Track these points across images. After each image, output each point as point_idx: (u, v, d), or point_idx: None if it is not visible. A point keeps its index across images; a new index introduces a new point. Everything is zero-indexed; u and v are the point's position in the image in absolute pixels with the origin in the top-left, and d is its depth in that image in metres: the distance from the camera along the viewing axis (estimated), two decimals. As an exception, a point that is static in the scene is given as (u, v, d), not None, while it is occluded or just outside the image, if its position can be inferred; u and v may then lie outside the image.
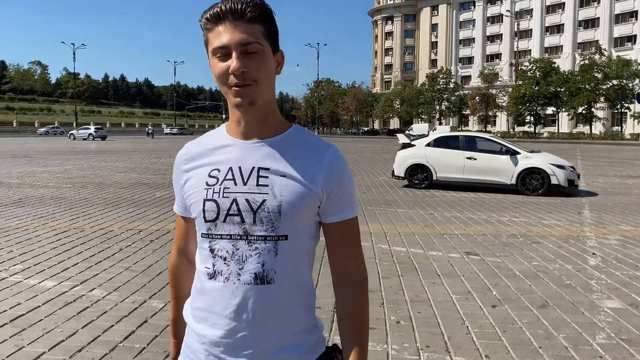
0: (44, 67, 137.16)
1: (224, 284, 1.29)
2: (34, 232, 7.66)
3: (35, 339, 3.86)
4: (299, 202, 1.28)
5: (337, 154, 1.35)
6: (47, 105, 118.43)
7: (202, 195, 1.31)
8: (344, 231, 1.37)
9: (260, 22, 1.25)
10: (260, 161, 1.30)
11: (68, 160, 23.74)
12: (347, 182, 1.35)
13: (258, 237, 1.27)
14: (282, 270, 1.29)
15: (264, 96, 1.27)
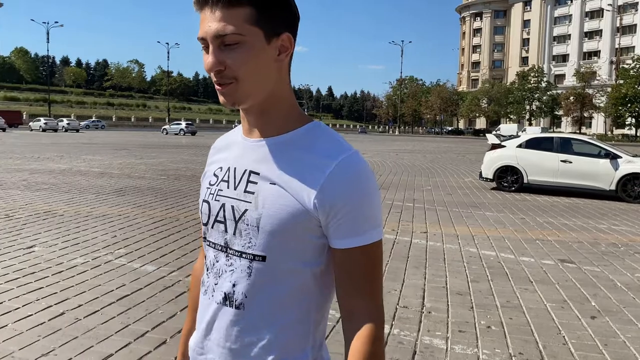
0: (141, 66, 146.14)
1: (204, 296, 1.16)
2: (134, 219, 8.20)
3: (139, 318, 4.14)
4: (283, 217, 1.04)
5: (350, 161, 1.04)
6: (143, 102, 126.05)
7: (203, 194, 1.19)
8: (351, 261, 1.06)
9: (244, 4, 1.00)
10: (253, 163, 1.10)
11: (162, 153, 25.14)
12: (359, 198, 1.03)
13: (235, 251, 1.09)
14: (255, 297, 1.08)
15: (253, 94, 1.05)
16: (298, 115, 1.12)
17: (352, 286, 1.07)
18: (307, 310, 1.10)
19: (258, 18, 1.01)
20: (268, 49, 1.03)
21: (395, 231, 7.84)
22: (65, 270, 5.32)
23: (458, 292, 5.05)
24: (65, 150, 25.13)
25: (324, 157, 1.04)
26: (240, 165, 1.12)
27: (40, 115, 66.34)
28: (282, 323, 1.08)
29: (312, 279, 1.09)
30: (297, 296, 1.09)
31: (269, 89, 1.07)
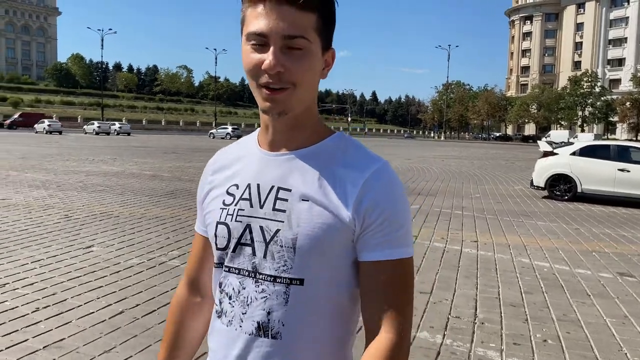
0: (190, 71, 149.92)
1: (227, 327, 1.04)
2: (186, 221, 8.41)
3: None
4: (322, 235, 0.97)
5: (383, 172, 1.00)
6: (191, 106, 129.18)
7: (217, 216, 1.06)
8: (380, 275, 0.98)
9: (314, 10, 0.95)
10: (282, 179, 1.02)
11: (210, 157, 25.61)
12: (393, 210, 0.99)
13: (267, 276, 1.00)
14: (293, 324, 0.99)
15: (301, 104, 1.00)
16: (323, 127, 1.08)
17: (379, 302, 0.99)
18: (345, 332, 1.06)
19: (322, 28, 0.97)
20: (321, 60, 1.00)
21: (444, 239, 7.73)
22: (123, 270, 5.51)
23: (511, 303, 4.93)
24: (118, 153, 26.04)
25: (355, 169, 1.00)
26: (265, 181, 1.03)
27: (93, 119, 69.02)
28: (321, 349, 1.02)
29: (349, 300, 1.03)
30: (336, 319, 1.03)
31: (310, 101, 1.03)
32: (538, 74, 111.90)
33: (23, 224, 7.67)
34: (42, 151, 24.90)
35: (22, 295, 4.62)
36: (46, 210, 8.89)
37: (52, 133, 50.76)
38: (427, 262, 6.38)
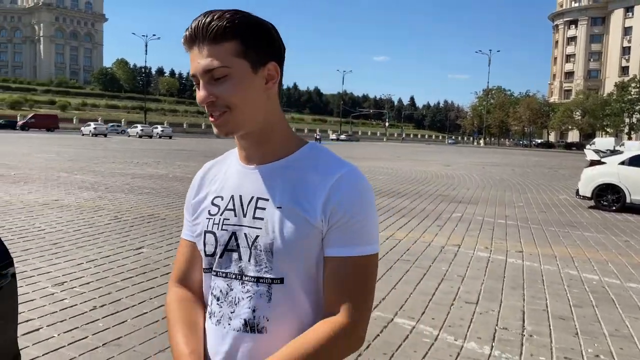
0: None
1: (216, 326, 1.15)
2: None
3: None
4: (294, 238, 1.08)
5: (350, 175, 1.10)
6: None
7: (204, 225, 1.18)
8: (343, 270, 1.08)
9: (230, 39, 1.05)
10: (260, 190, 1.13)
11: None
12: (357, 210, 1.08)
13: (251, 277, 1.10)
14: (277, 319, 1.10)
15: (246, 122, 1.09)
16: (293, 139, 1.17)
17: (338, 294, 1.08)
18: None
19: (244, 50, 1.07)
20: (255, 78, 1.08)
21: (488, 249, 7.64)
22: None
23: (560, 316, 4.84)
24: (161, 156, 26.70)
25: (325, 174, 1.10)
26: (245, 192, 1.14)
27: (136, 122, 70.96)
28: None
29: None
30: (316, 312, 1.12)
31: (262, 118, 1.11)
32: (582, 79, 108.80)
33: (76, 224, 7.99)
34: (89, 153, 25.79)
35: (79, 293, 4.83)
36: (97, 212, 9.23)
37: (97, 136, 52.47)
38: (471, 271, 6.32)
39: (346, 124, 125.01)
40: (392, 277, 5.94)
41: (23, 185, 12.36)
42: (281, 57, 1.12)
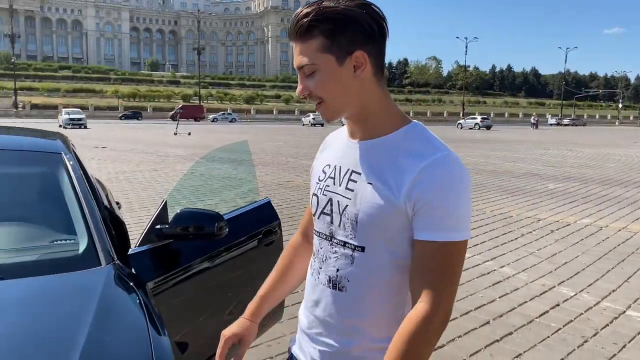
0: (438, 62, 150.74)
1: (311, 277, 1.31)
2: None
3: (462, 297, 4.56)
4: (377, 215, 1.14)
5: (442, 161, 1.11)
6: (438, 97, 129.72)
7: (313, 189, 1.32)
8: (426, 253, 1.11)
9: (315, 36, 1.13)
10: (354, 163, 1.21)
11: (459, 148, 25.62)
12: (445, 196, 1.09)
13: (339, 241, 1.22)
14: (356, 281, 1.20)
15: (342, 109, 1.19)
16: (393, 118, 1.20)
17: (422, 277, 1.12)
18: (398, 302, 1.19)
19: (329, 45, 1.12)
20: (342, 69, 1.14)
21: None
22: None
23: None
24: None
25: (416, 158, 1.12)
26: (344, 164, 1.23)
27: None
28: (377, 307, 1.20)
29: (404, 270, 1.17)
30: (392, 287, 1.18)
31: (357, 102, 1.17)
32: None
33: (307, 202, 9.04)
34: (309, 141, 28.33)
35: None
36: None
37: (315, 125, 56.87)
38: None
39: (568, 107, 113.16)
40: (624, 269, 5.50)
41: (261, 169, 14.29)
42: (373, 40, 1.15)
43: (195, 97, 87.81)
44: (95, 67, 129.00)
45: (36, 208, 2.33)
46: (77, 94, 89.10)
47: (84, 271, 1.86)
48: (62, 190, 2.27)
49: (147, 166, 14.65)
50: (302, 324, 1.34)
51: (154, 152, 19.51)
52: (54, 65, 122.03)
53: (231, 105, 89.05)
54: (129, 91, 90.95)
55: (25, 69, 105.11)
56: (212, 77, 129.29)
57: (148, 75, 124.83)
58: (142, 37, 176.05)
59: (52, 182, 2.33)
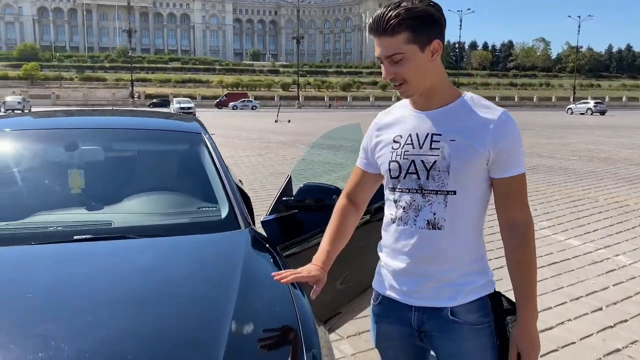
0: (547, 43, 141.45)
1: (404, 227, 1.55)
2: (551, 196, 8.45)
3: (572, 283, 4.47)
4: (465, 162, 1.46)
5: (507, 116, 1.48)
6: (546, 80, 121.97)
7: (388, 157, 1.57)
8: (511, 185, 1.49)
9: (402, 31, 1.41)
10: (432, 128, 1.51)
11: (568, 134, 24.19)
12: (515, 143, 1.47)
13: (430, 191, 1.50)
14: (450, 219, 1.50)
15: (419, 87, 1.49)
16: (454, 90, 1.54)
17: (511, 202, 1.50)
18: (480, 230, 1.56)
19: (413, 37, 1.41)
20: (423, 56, 1.44)
21: None
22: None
23: None
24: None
25: (487, 114, 1.47)
26: (421, 131, 1.52)
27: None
28: (467, 236, 1.52)
29: (482, 204, 1.53)
30: (477, 218, 1.53)
31: (429, 81, 1.48)
32: None
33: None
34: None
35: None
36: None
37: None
38: None
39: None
40: None
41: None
42: (442, 30, 1.47)
43: (293, 85, 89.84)
44: (202, 59, 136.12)
45: (183, 179, 2.69)
46: (185, 84, 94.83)
47: (228, 232, 2.16)
48: (204, 165, 2.60)
49: (252, 152, 15.43)
50: (396, 267, 1.59)
51: (257, 138, 20.43)
52: (165, 57, 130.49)
53: (327, 93, 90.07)
54: (233, 81, 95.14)
55: (140, 62, 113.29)
56: (310, 65, 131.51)
57: (250, 65, 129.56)
58: (244, 28, 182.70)
59: (195, 158, 2.67)
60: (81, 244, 1.96)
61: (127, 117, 3.53)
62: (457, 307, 1.54)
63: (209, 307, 1.59)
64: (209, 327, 1.48)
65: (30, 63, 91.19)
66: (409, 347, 1.66)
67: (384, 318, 1.67)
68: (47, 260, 1.88)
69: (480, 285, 1.54)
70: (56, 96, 71.33)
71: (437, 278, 1.53)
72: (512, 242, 1.51)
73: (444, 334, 1.56)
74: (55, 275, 1.79)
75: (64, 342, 1.36)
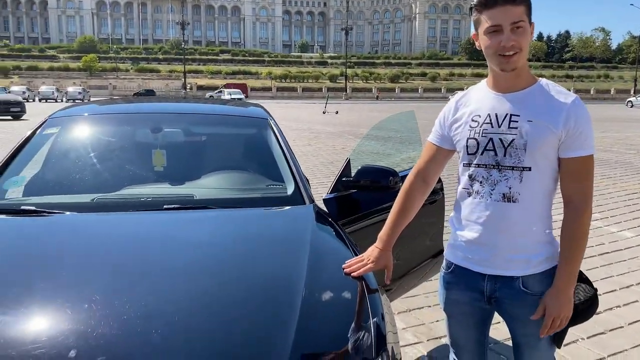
0: (607, 33, 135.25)
1: (480, 200, 1.70)
2: (605, 189, 8.31)
3: (622, 272, 4.51)
4: (541, 141, 1.60)
5: (579, 101, 1.63)
6: (605, 72, 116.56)
7: (466, 134, 1.71)
8: (576, 165, 1.62)
9: (522, 3, 1.58)
10: (511, 109, 1.65)
11: (627, 127, 23.31)
12: (586, 125, 1.61)
13: (507, 167, 1.64)
14: (524, 194, 1.64)
15: (523, 60, 1.62)
16: (531, 76, 1.68)
17: (575, 181, 1.64)
18: (550, 203, 1.69)
19: (527, 13, 1.60)
20: (529, 31, 1.61)
21: None
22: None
23: None
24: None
25: (562, 99, 1.62)
26: (500, 111, 1.66)
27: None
28: (539, 208, 1.67)
29: (554, 181, 1.68)
30: (548, 193, 1.68)
31: (525, 59, 1.64)
32: None
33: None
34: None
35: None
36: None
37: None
38: None
39: None
40: None
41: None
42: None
43: (341, 77, 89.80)
44: (251, 50, 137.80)
45: (253, 160, 2.96)
46: (235, 75, 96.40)
47: (295, 207, 2.40)
48: (271, 147, 2.85)
49: (302, 142, 15.75)
50: (470, 237, 1.74)
51: (307, 129, 20.75)
52: (216, 49, 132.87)
53: (375, 84, 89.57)
54: (281, 72, 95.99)
55: (192, 54, 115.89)
56: (358, 57, 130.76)
57: (298, 57, 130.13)
58: (293, 19, 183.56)
59: (263, 140, 2.93)
60: (170, 212, 2.25)
61: (201, 104, 3.85)
62: (527, 277, 1.69)
63: (282, 271, 1.80)
64: (283, 288, 1.68)
65: (89, 55, 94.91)
66: (477, 311, 1.82)
67: (455, 285, 1.83)
68: (142, 224, 2.18)
69: (549, 257, 1.69)
70: (113, 87, 74.29)
71: (510, 248, 1.67)
72: (569, 215, 1.64)
73: (515, 301, 1.71)
74: (150, 236, 2.08)
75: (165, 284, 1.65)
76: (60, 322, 1.43)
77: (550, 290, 1.66)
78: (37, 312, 1.46)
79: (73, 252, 1.89)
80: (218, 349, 1.39)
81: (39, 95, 51.83)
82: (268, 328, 1.46)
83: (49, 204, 2.29)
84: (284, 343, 1.39)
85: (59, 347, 1.31)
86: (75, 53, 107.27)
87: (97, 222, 2.17)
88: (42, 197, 2.43)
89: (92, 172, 2.64)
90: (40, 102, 48.09)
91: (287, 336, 1.41)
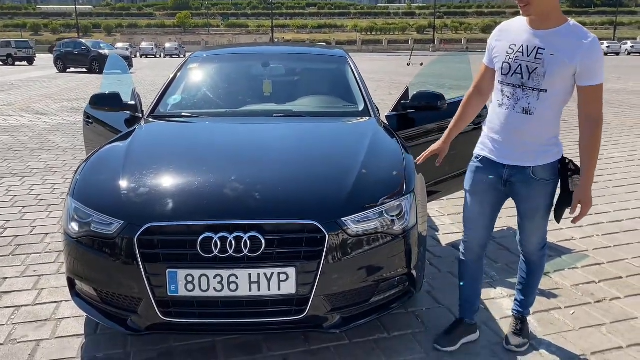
0: None
1: (506, 110, 2.16)
2: None
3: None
4: (557, 72, 2.02)
5: (595, 41, 2.00)
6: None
7: (502, 58, 2.15)
8: (590, 92, 2.05)
9: None
10: (539, 43, 2.05)
11: None
12: (599, 59, 2.00)
13: (529, 87, 2.09)
14: (539, 109, 2.09)
15: (539, 8, 2.01)
16: (563, 18, 2.06)
17: (590, 102, 2.08)
18: (558, 119, 2.17)
19: None
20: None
21: None
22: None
23: None
24: (624, 72, 25.06)
25: (583, 38, 2.00)
26: (531, 44, 2.08)
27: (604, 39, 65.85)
28: (550, 122, 2.14)
29: (562, 102, 2.12)
30: (558, 110, 2.14)
31: (545, 6, 2.02)
32: None
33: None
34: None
35: None
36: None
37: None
38: None
39: None
40: None
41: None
42: None
43: (429, 28, 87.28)
44: (337, 3, 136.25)
45: (335, 87, 3.93)
46: (321, 29, 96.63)
47: (363, 119, 3.37)
48: (348, 78, 3.82)
49: (383, 91, 16.42)
50: (496, 137, 2.25)
51: (388, 80, 21.27)
52: (302, 3, 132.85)
53: (465, 35, 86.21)
54: (367, 25, 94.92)
55: (279, 8, 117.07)
56: (448, 7, 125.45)
57: (385, 8, 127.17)
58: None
59: (342, 73, 3.91)
60: (278, 118, 3.33)
61: (296, 46, 5.00)
62: (536, 167, 2.19)
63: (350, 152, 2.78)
64: (348, 161, 2.62)
65: (183, 12, 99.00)
66: (494, 191, 2.33)
67: (480, 169, 2.34)
68: (260, 125, 3.27)
69: (554, 153, 2.19)
70: (205, 42, 77.40)
71: (525, 146, 2.16)
72: (585, 131, 2.11)
73: (525, 184, 2.23)
74: (265, 132, 3.17)
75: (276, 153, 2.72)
76: (223, 167, 2.57)
77: (580, 188, 2.18)
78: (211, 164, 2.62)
79: (219, 139, 3.04)
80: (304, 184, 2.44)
81: (140, 52, 55.50)
82: (337, 180, 2.45)
83: (198, 113, 3.45)
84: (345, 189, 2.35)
85: (226, 175, 2.45)
86: (170, 10, 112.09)
87: (230, 125, 3.30)
88: (192, 110, 3.57)
89: (223, 93, 3.78)
90: (142, 58, 51.25)
91: (348, 185, 2.37)
